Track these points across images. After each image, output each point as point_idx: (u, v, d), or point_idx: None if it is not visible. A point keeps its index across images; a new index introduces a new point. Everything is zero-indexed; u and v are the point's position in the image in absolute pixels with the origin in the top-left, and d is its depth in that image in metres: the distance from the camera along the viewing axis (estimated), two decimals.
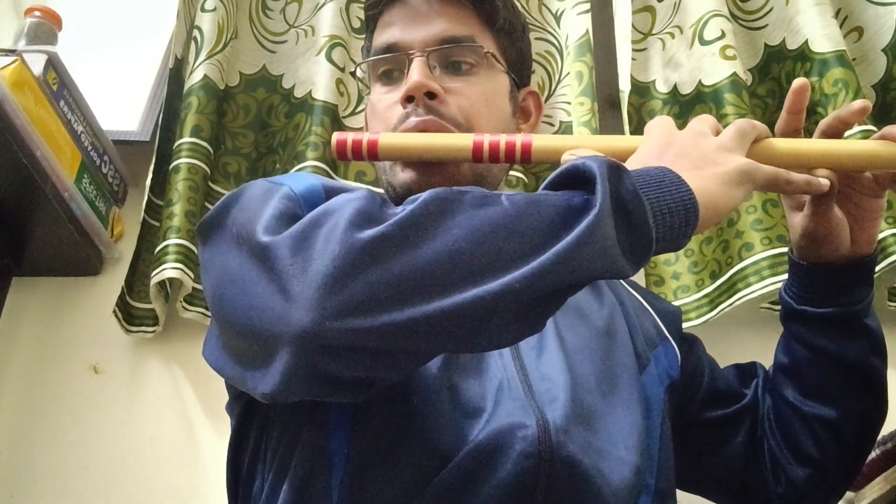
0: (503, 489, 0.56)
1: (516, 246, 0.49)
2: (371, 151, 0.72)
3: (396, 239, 0.48)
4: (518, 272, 0.48)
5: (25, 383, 1.14)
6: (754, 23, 1.27)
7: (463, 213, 0.50)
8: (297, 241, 0.50)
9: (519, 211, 0.50)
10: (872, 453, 0.88)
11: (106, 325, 1.13)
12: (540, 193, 0.53)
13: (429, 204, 0.50)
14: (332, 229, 0.49)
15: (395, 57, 0.78)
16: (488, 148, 0.68)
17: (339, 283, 0.47)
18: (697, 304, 1.10)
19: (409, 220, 0.49)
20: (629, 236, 0.51)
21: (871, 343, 0.74)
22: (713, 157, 0.59)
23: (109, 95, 1.26)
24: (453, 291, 0.47)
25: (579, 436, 0.60)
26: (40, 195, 1.06)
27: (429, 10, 0.79)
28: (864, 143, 0.67)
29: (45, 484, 1.07)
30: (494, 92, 0.80)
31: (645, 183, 0.53)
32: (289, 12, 1.35)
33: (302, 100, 1.25)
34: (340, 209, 0.51)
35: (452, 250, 0.48)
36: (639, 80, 1.27)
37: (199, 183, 1.15)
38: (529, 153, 0.68)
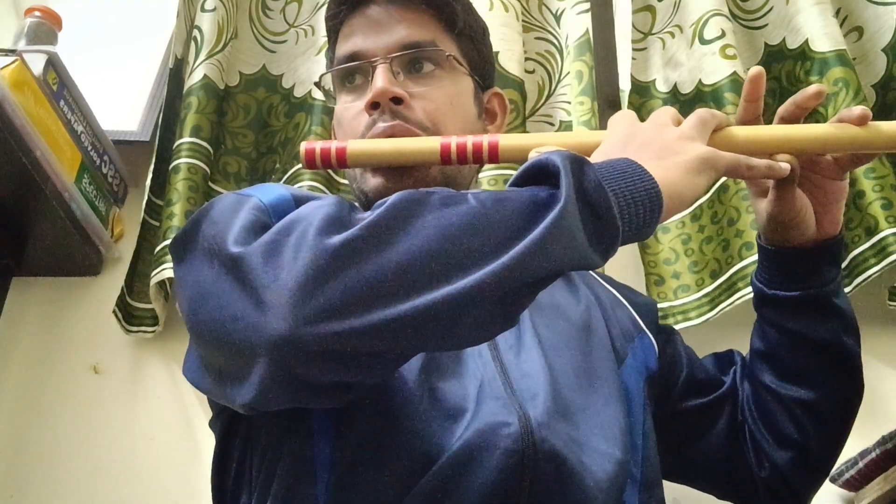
0: (488, 488, 0.57)
1: (485, 243, 0.50)
2: (340, 159, 0.72)
3: (366, 242, 0.49)
4: (488, 268, 0.48)
5: (25, 383, 1.14)
6: (754, 22, 1.27)
7: (431, 213, 0.50)
8: (267, 249, 0.50)
9: (486, 208, 0.51)
10: (872, 453, 0.88)
11: (106, 325, 1.13)
12: (506, 191, 0.53)
13: (396, 206, 0.51)
14: (301, 236, 0.50)
15: (359, 65, 0.79)
16: (456, 150, 0.69)
17: (311, 289, 0.47)
18: (698, 304, 1.10)
19: (378, 223, 0.49)
20: (595, 228, 0.53)
21: (843, 323, 0.75)
22: (675, 147, 0.60)
23: (109, 95, 1.26)
24: (425, 291, 0.48)
25: (561, 430, 0.61)
26: (40, 195, 1.06)
27: (389, 18, 0.80)
28: (821, 126, 0.68)
29: (45, 484, 1.07)
30: (458, 94, 0.81)
31: (608, 174, 0.55)
32: (289, 12, 1.35)
33: (302, 99, 1.25)
34: (309, 216, 0.51)
35: (422, 250, 0.49)
36: (639, 79, 1.27)
37: (199, 183, 1.15)
38: (497, 153, 0.69)
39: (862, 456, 0.90)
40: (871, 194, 1.05)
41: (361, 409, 0.60)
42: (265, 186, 0.61)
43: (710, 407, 0.82)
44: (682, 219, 1.17)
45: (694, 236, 1.15)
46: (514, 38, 1.22)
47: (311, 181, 1.13)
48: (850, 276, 1.06)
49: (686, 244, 1.15)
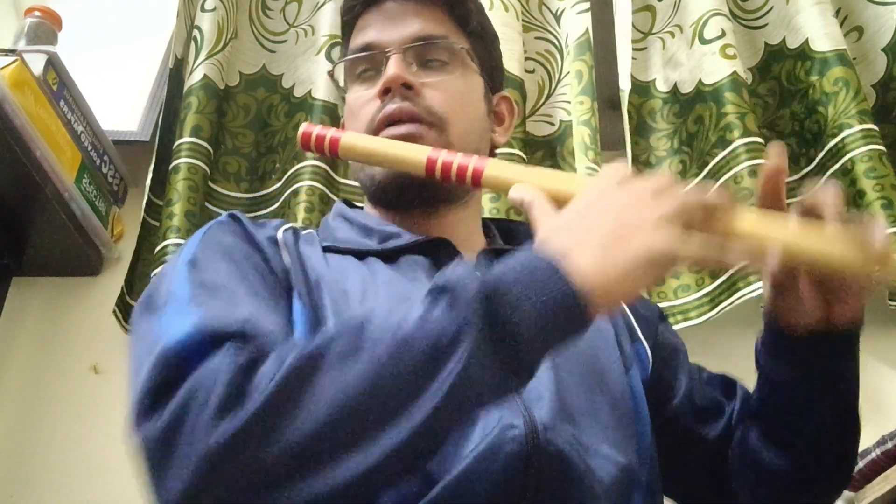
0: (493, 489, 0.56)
1: (387, 405, 0.47)
2: (332, 148, 0.72)
3: (255, 427, 0.47)
4: (391, 438, 0.46)
5: (25, 383, 1.14)
6: (754, 22, 1.27)
7: (324, 378, 0.47)
8: (162, 440, 0.49)
9: (385, 362, 0.47)
10: (872, 453, 0.88)
11: (106, 325, 1.13)
12: (412, 328, 0.49)
13: (288, 374, 0.48)
14: (193, 425, 0.48)
15: (372, 55, 0.80)
16: (441, 166, 0.67)
17: (201, 486, 0.46)
18: (698, 303, 1.10)
19: (269, 400, 0.47)
20: (509, 362, 0.48)
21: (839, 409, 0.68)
22: (631, 235, 0.53)
23: (109, 95, 1.26)
24: (323, 471, 0.46)
25: (567, 433, 0.60)
26: (40, 195, 1.06)
27: (403, 12, 0.81)
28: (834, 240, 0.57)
29: (46, 484, 1.07)
30: (469, 90, 0.82)
31: (531, 292, 0.49)
32: (288, 12, 1.35)
33: (302, 99, 1.25)
34: (205, 395, 0.48)
35: (315, 428, 0.46)
36: (639, 79, 1.26)
37: (199, 183, 1.15)
38: (479, 179, 0.66)
39: (862, 456, 0.90)
40: (871, 194, 1.05)
41: None
42: (175, 314, 0.56)
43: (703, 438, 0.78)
44: None
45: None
46: (514, 37, 1.22)
47: (310, 181, 1.13)
48: None
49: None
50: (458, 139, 0.77)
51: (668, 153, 1.23)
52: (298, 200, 1.11)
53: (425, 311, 0.49)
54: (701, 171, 1.16)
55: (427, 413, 0.46)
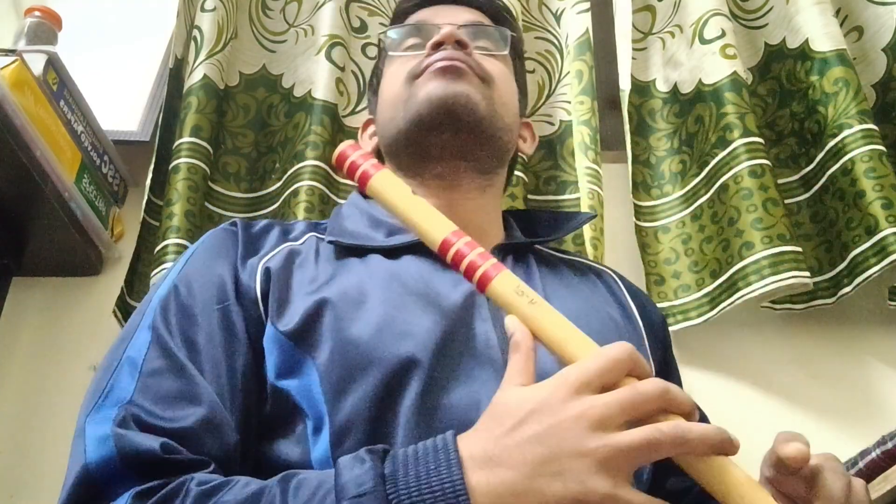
0: None
1: None
2: (361, 182, 0.68)
3: None
4: None
5: (25, 383, 1.14)
6: (754, 22, 1.27)
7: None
8: None
9: None
10: (872, 453, 0.88)
11: (106, 325, 1.13)
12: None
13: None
14: None
15: (425, 28, 0.84)
16: (453, 255, 0.62)
17: None
18: (698, 303, 1.10)
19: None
20: None
21: None
22: (562, 468, 0.46)
23: (109, 95, 1.26)
24: None
25: None
26: (40, 195, 1.06)
27: (456, 10, 0.87)
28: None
29: (45, 484, 1.07)
30: (511, 81, 0.85)
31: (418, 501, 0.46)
32: (288, 12, 1.35)
33: (301, 99, 1.25)
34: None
35: None
36: (639, 79, 1.27)
37: (199, 183, 1.15)
38: (485, 287, 0.61)
39: (862, 456, 0.90)
40: (871, 194, 1.05)
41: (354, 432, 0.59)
42: (96, 429, 0.60)
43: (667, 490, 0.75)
44: (683, 219, 1.17)
45: (694, 236, 1.15)
46: None
47: (310, 181, 1.13)
48: (851, 275, 1.06)
49: (686, 244, 1.15)
50: (499, 102, 0.79)
51: (668, 153, 1.23)
52: (298, 200, 1.11)
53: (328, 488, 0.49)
54: (701, 171, 1.16)
55: None
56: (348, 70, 1.25)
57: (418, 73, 0.78)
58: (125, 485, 0.53)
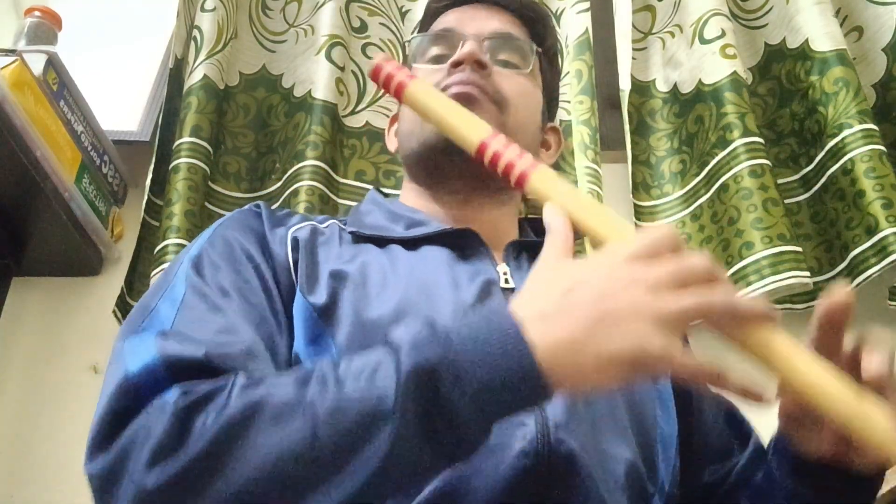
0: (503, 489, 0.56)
1: (314, 475, 0.46)
2: (397, 91, 0.69)
3: (186, 479, 0.47)
4: (320, 501, 0.46)
5: (25, 383, 1.14)
6: (754, 22, 1.27)
7: (257, 437, 0.47)
8: (103, 481, 0.50)
9: (317, 429, 0.47)
10: None
11: (106, 325, 1.13)
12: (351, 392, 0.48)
13: (224, 426, 0.48)
14: (131, 470, 0.48)
15: (451, 37, 0.83)
16: (491, 155, 0.63)
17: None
18: None
19: (202, 453, 0.47)
20: (447, 440, 0.46)
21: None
22: (619, 323, 0.47)
23: (109, 95, 1.26)
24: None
25: (579, 431, 0.60)
26: (40, 195, 1.06)
27: (488, 12, 0.86)
28: (863, 404, 0.50)
29: (45, 483, 1.07)
30: (533, 96, 0.85)
31: (480, 369, 0.46)
32: (288, 12, 1.35)
33: (301, 99, 1.25)
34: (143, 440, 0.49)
35: (244, 486, 0.46)
36: (639, 79, 1.27)
37: (199, 183, 1.15)
38: (523, 183, 0.62)
39: None
40: (871, 194, 1.05)
41: None
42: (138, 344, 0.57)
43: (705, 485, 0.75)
44: (682, 218, 1.17)
45: (694, 236, 1.15)
46: None
47: (310, 181, 1.13)
48: (851, 275, 1.06)
49: (686, 244, 1.15)
50: (514, 126, 0.78)
51: (668, 153, 1.23)
52: (298, 200, 1.11)
53: (370, 374, 0.48)
54: (701, 171, 1.16)
55: (357, 484, 0.46)
56: (348, 70, 1.25)
57: None
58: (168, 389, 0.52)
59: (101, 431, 0.51)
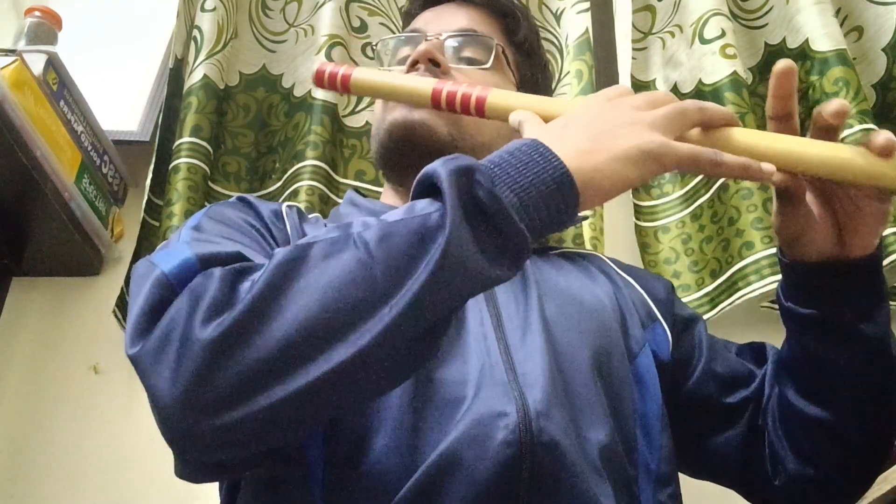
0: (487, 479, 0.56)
1: (371, 294, 0.47)
2: (344, 83, 0.74)
3: (245, 325, 0.47)
4: (378, 323, 0.46)
5: (25, 383, 1.14)
6: (754, 21, 1.27)
7: (310, 272, 0.48)
8: (154, 352, 0.50)
9: (370, 252, 0.48)
10: None
11: (106, 325, 1.13)
12: (395, 219, 0.50)
13: (274, 272, 0.49)
14: (185, 333, 0.48)
15: (414, 37, 0.85)
16: (446, 96, 0.69)
17: (197, 388, 0.47)
18: (698, 303, 1.10)
19: (257, 299, 0.48)
20: (495, 241, 0.49)
21: (868, 351, 0.66)
22: (618, 132, 0.55)
23: (109, 95, 1.26)
24: (315, 361, 0.46)
25: (560, 419, 0.60)
26: (40, 195, 1.06)
27: (456, 10, 0.87)
28: (839, 149, 0.59)
29: (45, 484, 1.07)
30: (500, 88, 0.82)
31: (509, 168, 0.51)
32: (288, 12, 1.35)
33: (301, 99, 1.25)
34: (192, 302, 0.49)
35: (306, 318, 0.47)
36: (639, 78, 1.27)
37: (199, 183, 1.15)
38: (483, 108, 0.67)
39: None
40: None
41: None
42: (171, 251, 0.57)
43: (731, 408, 0.77)
44: (682, 218, 1.17)
45: (694, 236, 1.15)
46: None
47: (310, 181, 1.13)
48: None
49: (686, 244, 1.15)
50: (470, 122, 0.78)
51: None
52: (298, 200, 1.11)
53: (409, 204, 0.51)
54: None
55: (414, 294, 0.46)
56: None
57: None
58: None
59: (142, 320, 0.52)
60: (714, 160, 0.56)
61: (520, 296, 0.70)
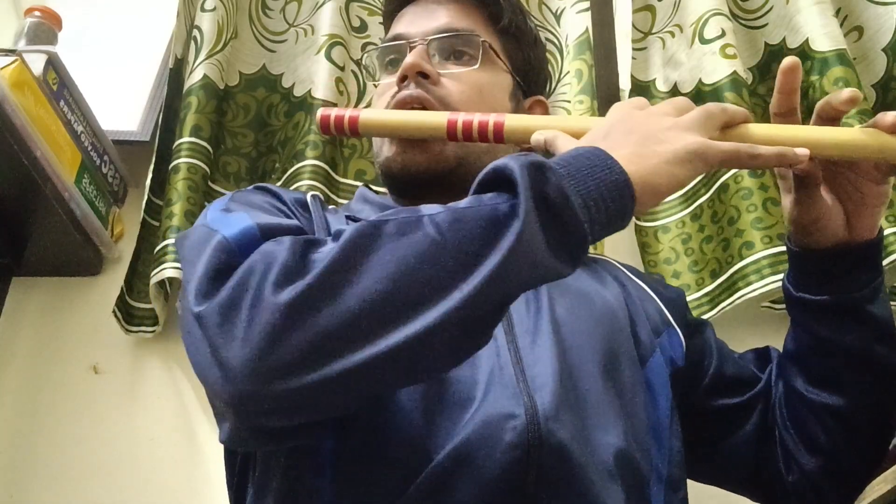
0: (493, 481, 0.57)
1: (443, 273, 0.48)
2: (352, 127, 0.74)
3: (317, 293, 0.48)
4: (448, 301, 0.47)
5: (25, 383, 1.14)
6: (754, 21, 1.27)
7: (383, 248, 0.49)
8: (223, 311, 0.50)
9: (442, 234, 0.49)
10: None
11: (106, 325, 1.13)
12: (465, 205, 0.51)
13: (347, 245, 0.50)
14: (256, 295, 0.49)
15: (399, 45, 0.84)
16: (462, 126, 0.69)
17: (265, 351, 0.47)
18: (698, 303, 1.10)
19: (329, 269, 0.49)
20: (560, 236, 0.51)
21: (876, 331, 0.70)
22: (661, 136, 0.58)
23: (109, 95, 1.26)
24: (382, 335, 0.47)
25: (570, 423, 0.60)
26: (40, 195, 1.06)
27: (437, 7, 0.86)
28: (852, 131, 0.64)
29: (45, 484, 1.07)
30: (491, 84, 0.83)
31: (574, 169, 0.53)
32: (288, 11, 1.35)
33: (301, 99, 1.25)
34: (264, 267, 0.50)
35: (377, 292, 0.48)
36: (639, 78, 1.26)
37: (199, 182, 1.15)
38: (502, 133, 0.68)
39: None
40: None
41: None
42: (232, 218, 0.59)
43: (740, 408, 0.79)
44: (682, 218, 1.17)
45: (694, 236, 1.15)
46: None
47: (310, 180, 1.13)
48: None
49: (686, 243, 1.15)
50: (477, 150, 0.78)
51: None
52: None
53: (475, 196, 0.52)
54: None
55: (484, 278, 0.48)
56: (348, 70, 1.25)
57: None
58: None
59: (205, 281, 0.52)
60: (751, 153, 0.59)
61: (530, 298, 0.70)
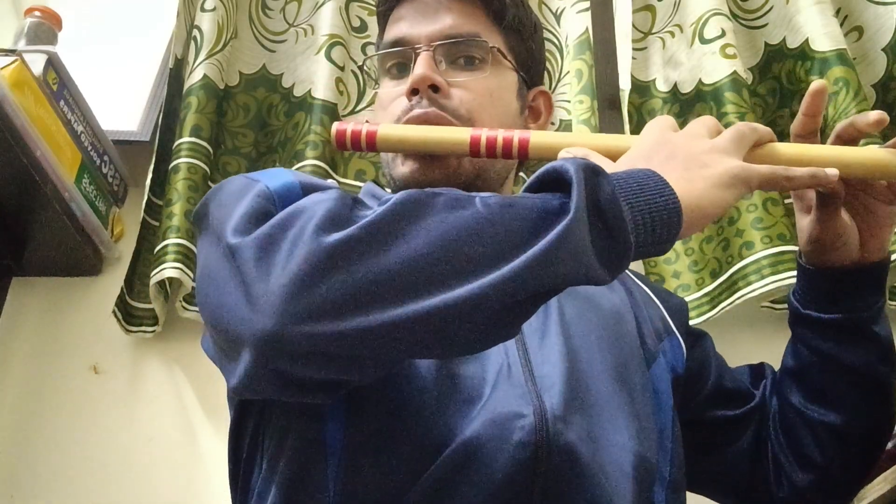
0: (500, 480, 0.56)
1: (487, 251, 0.48)
2: (369, 142, 0.72)
3: (363, 243, 0.48)
4: (488, 278, 0.47)
5: (25, 383, 1.14)
6: (754, 21, 1.27)
7: (433, 217, 0.49)
8: (262, 244, 0.50)
9: (492, 214, 0.49)
10: None
11: (106, 325, 1.13)
12: (517, 196, 0.52)
13: (398, 206, 0.49)
14: (299, 232, 0.49)
15: (403, 51, 0.80)
16: (485, 143, 0.68)
17: (301, 288, 0.47)
18: (698, 303, 1.10)
19: (378, 224, 0.48)
20: (605, 243, 0.51)
21: (878, 351, 0.72)
22: (704, 160, 0.58)
23: (109, 95, 1.26)
24: (420, 297, 0.47)
25: (578, 423, 0.60)
26: (40, 195, 1.06)
27: (437, 6, 0.81)
28: (876, 151, 0.65)
29: (45, 484, 1.07)
30: (500, 87, 0.81)
31: (627, 186, 0.53)
32: (288, 11, 1.35)
33: (301, 99, 1.25)
34: (310, 210, 0.50)
35: (420, 255, 0.47)
36: (639, 78, 1.26)
37: (199, 182, 1.15)
38: (527, 149, 0.68)
39: None
40: None
41: (373, 393, 0.60)
42: (274, 172, 0.60)
43: (736, 420, 0.80)
44: None
45: (694, 236, 1.15)
46: None
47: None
48: None
49: (686, 243, 1.15)
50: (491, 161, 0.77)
51: None
52: None
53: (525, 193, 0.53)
54: None
55: (525, 263, 0.48)
56: (348, 69, 1.25)
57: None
58: None
59: (243, 220, 0.52)
60: (786, 175, 0.60)
61: None
